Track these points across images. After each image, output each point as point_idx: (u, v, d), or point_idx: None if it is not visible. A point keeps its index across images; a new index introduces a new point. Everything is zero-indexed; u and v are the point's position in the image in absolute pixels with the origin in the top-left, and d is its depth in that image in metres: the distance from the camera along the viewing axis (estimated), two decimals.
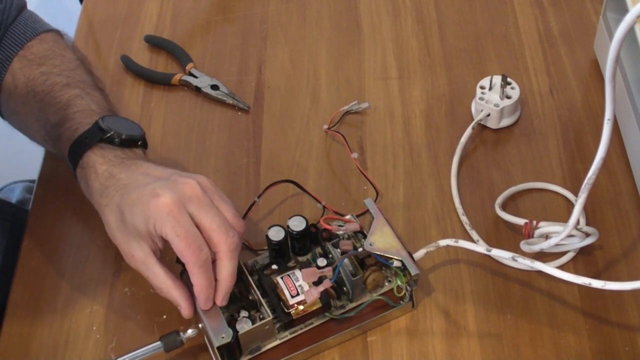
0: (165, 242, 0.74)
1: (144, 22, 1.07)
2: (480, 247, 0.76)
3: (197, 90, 0.98)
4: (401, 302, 0.77)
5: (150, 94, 0.99)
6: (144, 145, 0.83)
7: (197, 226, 0.72)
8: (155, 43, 1.04)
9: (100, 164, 0.77)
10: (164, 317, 0.78)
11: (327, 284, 0.72)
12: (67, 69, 0.86)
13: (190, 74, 0.99)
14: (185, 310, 0.73)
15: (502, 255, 0.75)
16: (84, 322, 0.79)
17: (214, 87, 0.97)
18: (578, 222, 0.75)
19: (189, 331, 0.74)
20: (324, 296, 0.74)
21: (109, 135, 0.78)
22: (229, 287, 0.73)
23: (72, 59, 0.88)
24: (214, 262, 0.73)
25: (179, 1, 1.10)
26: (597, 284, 0.70)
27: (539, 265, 0.74)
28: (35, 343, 0.78)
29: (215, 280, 0.73)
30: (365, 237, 0.77)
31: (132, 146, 0.81)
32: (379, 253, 0.75)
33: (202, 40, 1.05)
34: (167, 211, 0.70)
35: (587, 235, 0.78)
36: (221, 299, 0.73)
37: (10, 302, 0.80)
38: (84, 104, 0.83)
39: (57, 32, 0.92)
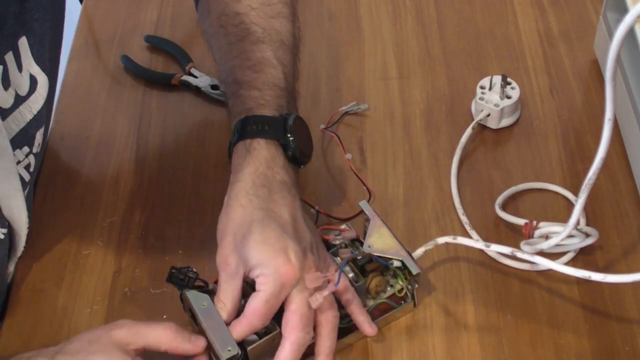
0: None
1: (144, 22, 1.07)
2: (479, 243, 0.76)
3: (197, 90, 0.98)
4: (403, 302, 0.77)
5: (150, 94, 0.99)
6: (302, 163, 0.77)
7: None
8: (155, 43, 1.04)
9: (264, 164, 0.73)
10: (164, 317, 0.78)
11: (331, 288, 0.71)
12: (265, 15, 0.76)
13: (190, 74, 0.99)
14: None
15: (501, 250, 0.75)
16: (84, 322, 0.79)
17: (214, 87, 0.97)
18: (578, 223, 0.75)
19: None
20: None
21: (287, 142, 0.75)
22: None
23: (274, 1, 0.78)
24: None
25: (179, 1, 1.09)
26: (596, 277, 0.70)
27: (538, 259, 0.74)
28: (35, 343, 0.77)
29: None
30: (362, 244, 0.76)
31: (295, 163, 0.76)
32: (378, 254, 0.75)
33: (202, 40, 1.04)
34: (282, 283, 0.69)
35: (587, 235, 0.78)
36: None
37: (10, 301, 0.80)
38: (274, 75, 0.75)
39: None
